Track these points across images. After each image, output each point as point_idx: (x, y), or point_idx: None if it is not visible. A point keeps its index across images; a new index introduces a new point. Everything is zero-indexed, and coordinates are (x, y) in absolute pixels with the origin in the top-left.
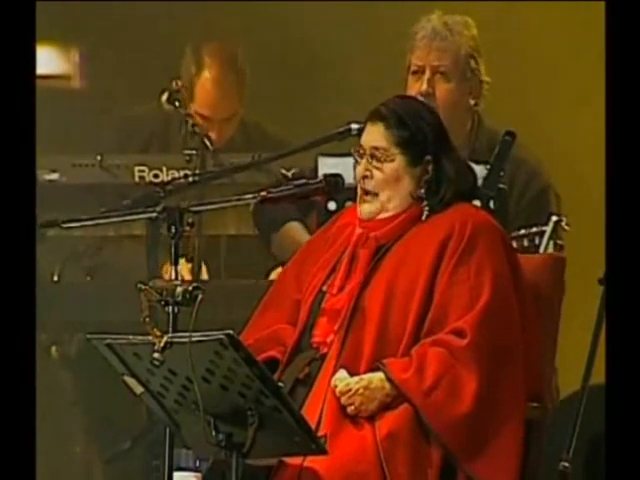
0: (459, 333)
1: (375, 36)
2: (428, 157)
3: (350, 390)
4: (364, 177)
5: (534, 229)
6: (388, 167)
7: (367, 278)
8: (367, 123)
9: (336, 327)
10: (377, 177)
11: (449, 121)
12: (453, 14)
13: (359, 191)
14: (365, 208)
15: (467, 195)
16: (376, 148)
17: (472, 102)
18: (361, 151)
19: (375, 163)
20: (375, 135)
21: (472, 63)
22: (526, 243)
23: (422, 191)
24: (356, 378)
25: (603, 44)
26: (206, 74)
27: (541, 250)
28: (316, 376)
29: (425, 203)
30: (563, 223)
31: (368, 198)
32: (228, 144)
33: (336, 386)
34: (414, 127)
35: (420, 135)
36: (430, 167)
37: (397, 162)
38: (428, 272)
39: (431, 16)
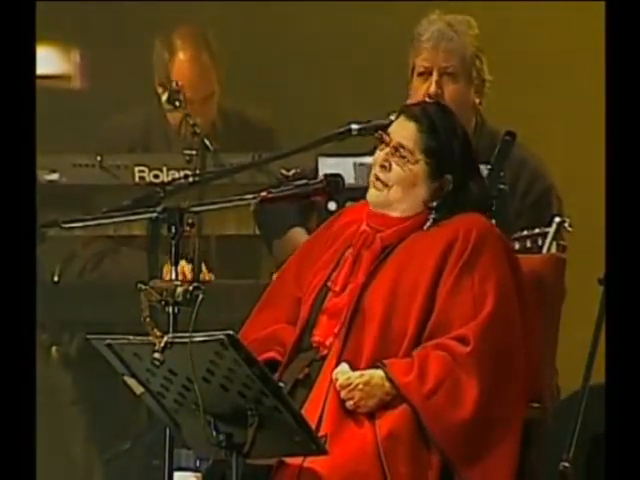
0: (462, 340)
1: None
2: (449, 176)
3: (350, 384)
4: (382, 166)
5: (537, 230)
6: (409, 168)
7: (369, 279)
8: (400, 115)
9: (336, 329)
10: (395, 171)
11: None
12: (453, 14)
13: (372, 176)
14: (373, 192)
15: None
16: (402, 146)
17: (477, 101)
18: (387, 139)
19: (398, 159)
20: (405, 133)
21: (477, 63)
22: (529, 244)
23: (434, 204)
24: (357, 373)
25: (603, 44)
26: (180, 56)
27: (544, 251)
28: (316, 378)
29: (433, 214)
30: (566, 224)
31: (378, 185)
32: (210, 131)
33: (337, 379)
34: (444, 137)
35: (447, 149)
36: (448, 187)
37: (419, 168)
38: (431, 276)
39: (432, 17)
